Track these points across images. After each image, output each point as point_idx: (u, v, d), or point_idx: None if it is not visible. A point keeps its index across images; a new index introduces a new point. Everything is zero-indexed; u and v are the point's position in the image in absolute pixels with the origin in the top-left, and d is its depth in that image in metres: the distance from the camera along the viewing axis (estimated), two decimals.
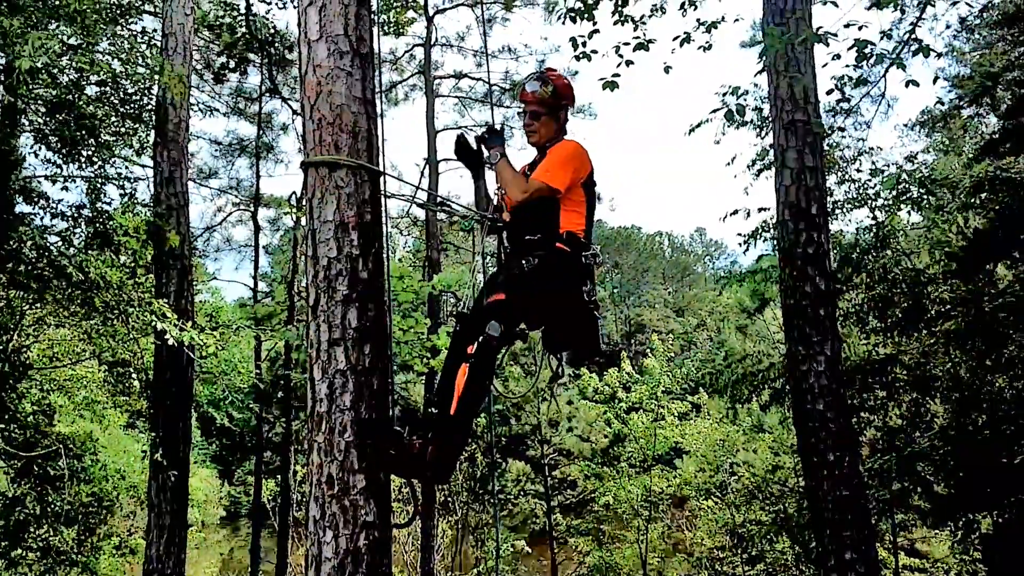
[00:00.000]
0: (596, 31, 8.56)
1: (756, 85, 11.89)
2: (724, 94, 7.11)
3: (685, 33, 8.30)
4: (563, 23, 8.60)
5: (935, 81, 8.94)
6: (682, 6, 8.85)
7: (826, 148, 10.98)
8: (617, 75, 7.92)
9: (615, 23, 8.68)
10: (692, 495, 19.75)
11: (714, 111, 6.81)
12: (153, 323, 9.58)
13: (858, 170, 12.45)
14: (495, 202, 4.52)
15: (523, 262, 4.08)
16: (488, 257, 4.91)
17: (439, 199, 4.18)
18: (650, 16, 8.83)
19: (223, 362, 15.09)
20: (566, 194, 4.14)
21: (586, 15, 8.43)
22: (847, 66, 8.78)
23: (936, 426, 11.82)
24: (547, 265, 4.07)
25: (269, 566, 23.38)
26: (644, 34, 8.37)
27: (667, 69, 8.50)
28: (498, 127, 4.46)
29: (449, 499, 23.02)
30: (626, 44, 8.23)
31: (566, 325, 4.21)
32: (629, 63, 8.23)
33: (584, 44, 8.57)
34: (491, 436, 19.80)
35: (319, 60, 3.77)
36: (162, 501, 10.59)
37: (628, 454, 20.86)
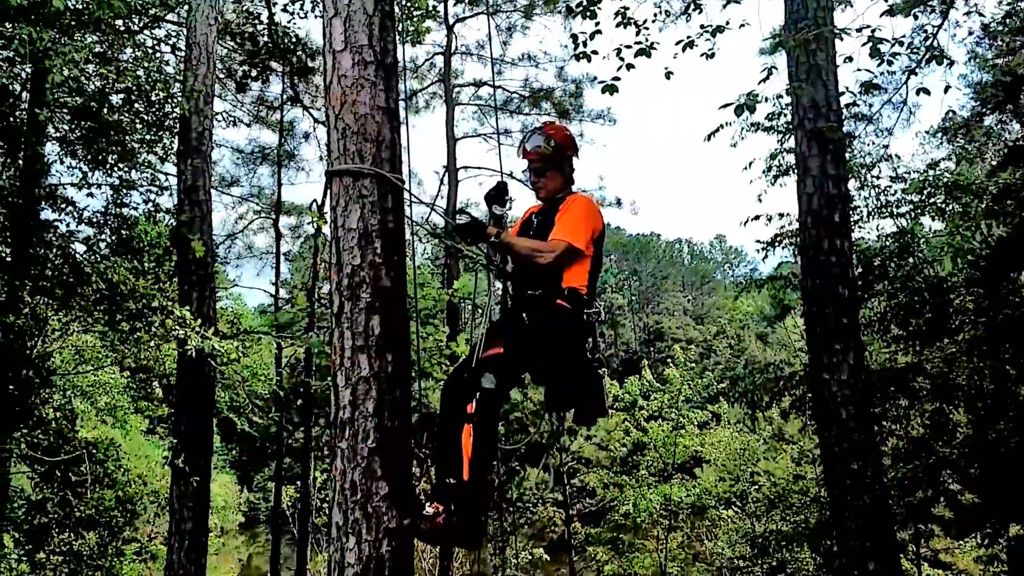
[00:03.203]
0: (598, 31, 8.53)
1: (780, 96, 11.84)
2: (741, 103, 7.06)
3: (688, 38, 8.25)
4: (564, 17, 8.56)
5: (947, 90, 8.85)
6: (686, 10, 8.79)
7: (848, 155, 10.92)
8: (617, 78, 7.87)
9: (617, 25, 8.63)
10: (712, 504, 19.63)
11: (725, 105, 6.74)
12: (175, 330, 9.65)
13: (877, 177, 12.38)
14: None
15: (523, 315, 4.02)
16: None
17: (455, 226, 4.04)
18: (653, 21, 8.79)
19: (243, 368, 15.19)
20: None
21: (588, 13, 8.38)
22: (858, 70, 8.72)
23: (959, 435, 11.70)
24: (547, 321, 4.00)
25: (288, 573, 23.45)
26: (647, 39, 8.33)
27: (668, 75, 8.46)
28: (503, 185, 4.32)
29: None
30: (627, 47, 8.19)
31: (567, 383, 4.09)
32: (630, 67, 8.20)
33: (585, 44, 8.55)
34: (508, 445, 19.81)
35: (344, 70, 3.80)
36: (183, 507, 10.64)
37: (647, 463, 20.77)
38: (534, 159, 4.29)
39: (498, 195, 4.30)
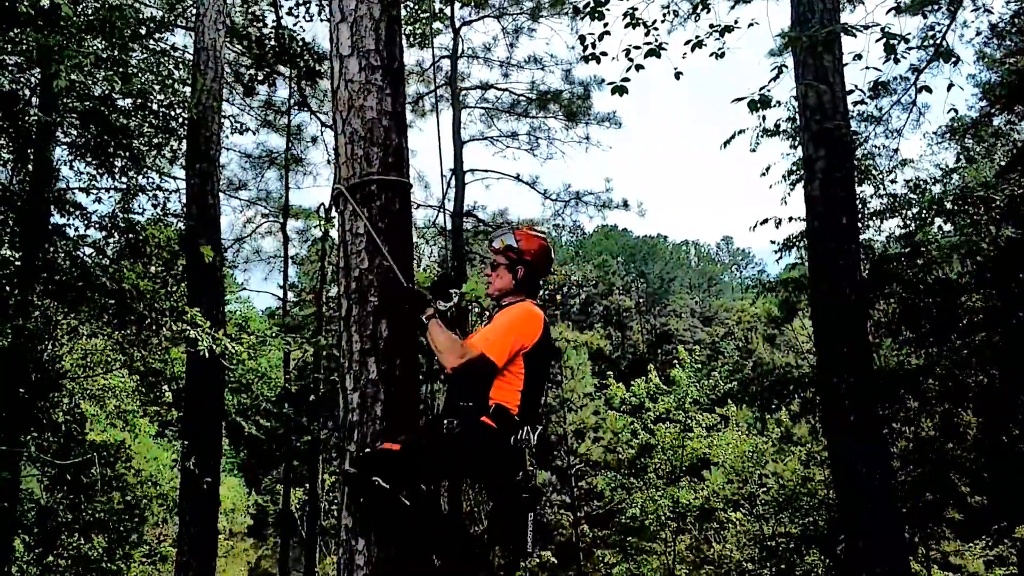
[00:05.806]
0: (607, 32, 8.50)
1: (793, 99, 11.83)
2: (754, 98, 7.00)
3: (697, 38, 8.21)
4: (571, 19, 8.49)
5: (949, 88, 8.63)
6: (694, 10, 8.76)
7: (857, 157, 10.88)
8: (627, 79, 7.85)
9: (626, 26, 8.62)
10: (720, 507, 19.58)
11: (737, 100, 6.64)
12: (186, 332, 9.66)
13: (893, 181, 12.34)
14: None
15: (445, 421, 3.61)
16: None
17: (403, 287, 3.77)
18: (662, 21, 8.75)
19: (249, 371, 15.21)
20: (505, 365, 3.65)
21: (596, 14, 8.36)
22: (866, 68, 8.67)
23: (969, 437, 11.65)
24: (465, 438, 3.57)
25: (296, 575, 23.45)
26: (656, 39, 8.29)
27: (678, 75, 8.43)
28: (449, 277, 4.09)
29: (475, 509, 23.03)
30: (636, 48, 8.17)
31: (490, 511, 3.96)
32: (639, 67, 8.18)
33: (593, 45, 8.53)
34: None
35: (351, 75, 3.82)
36: (193, 509, 10.65)
37: (655, 465, 20.73)
38: (494, 251, 4.05)
39: (442, 288, 3.97)
